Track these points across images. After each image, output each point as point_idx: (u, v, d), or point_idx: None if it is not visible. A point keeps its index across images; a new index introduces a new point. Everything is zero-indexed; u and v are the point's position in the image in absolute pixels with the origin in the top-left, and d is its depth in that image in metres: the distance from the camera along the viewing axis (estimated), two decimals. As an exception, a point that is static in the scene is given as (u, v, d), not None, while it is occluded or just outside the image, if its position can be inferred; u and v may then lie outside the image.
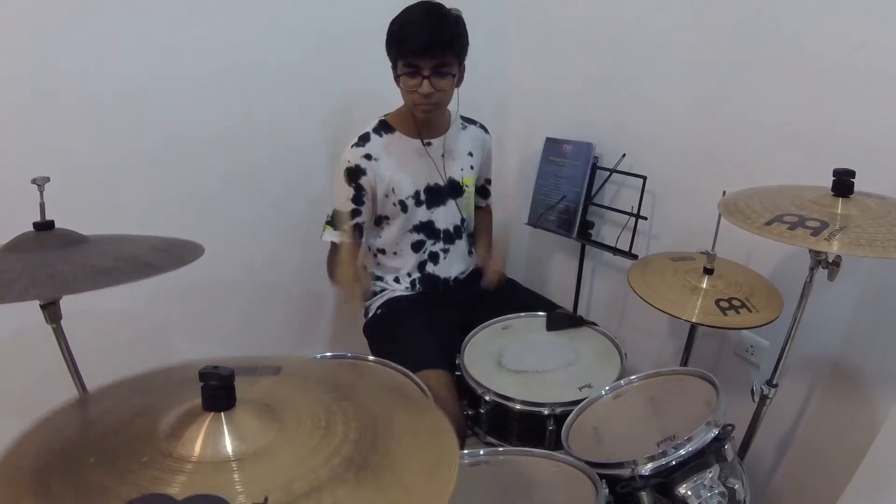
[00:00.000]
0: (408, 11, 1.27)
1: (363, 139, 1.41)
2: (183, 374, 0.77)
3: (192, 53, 1.48)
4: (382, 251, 1.54)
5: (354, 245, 1.42)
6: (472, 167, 1.50)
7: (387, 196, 1.44)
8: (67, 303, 0.86)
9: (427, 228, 1.50)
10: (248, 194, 1.68)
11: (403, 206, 1.46)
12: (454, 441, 0.65)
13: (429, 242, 1.52)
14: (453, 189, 1.49)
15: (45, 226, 0.88)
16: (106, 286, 0.76)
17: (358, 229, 1.42)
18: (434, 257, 1.54)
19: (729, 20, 1.35)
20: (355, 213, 1.41)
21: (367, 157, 1.40)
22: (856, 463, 1.06)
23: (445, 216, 1.51)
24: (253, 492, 0.53)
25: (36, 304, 0.84)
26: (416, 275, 1.55)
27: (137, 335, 1.63)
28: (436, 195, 1.48)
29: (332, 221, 1.42)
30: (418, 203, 1.47)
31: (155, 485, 0.53)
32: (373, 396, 0.75)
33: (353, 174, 1.39)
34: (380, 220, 1.48)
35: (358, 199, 1.41)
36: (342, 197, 1.40)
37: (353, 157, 1.39)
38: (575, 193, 1.72)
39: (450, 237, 1.54)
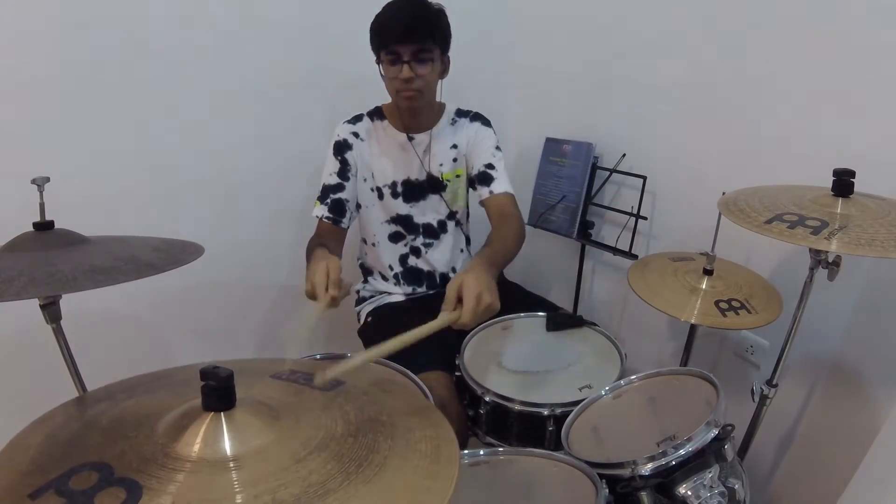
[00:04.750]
0: (389, 4, 1.30)
1: (356, 118, 1.46)
2: (183, 375, 0.77)
3: (193, 55, 1.48)
4: (364, 240, 1.56)
5: (336, 228, 1.41)
6: (454, 160, 1.49)
7: (365, 180, 1.46)
8: (67, 303, 0.86)
9: (405, 222, 1.51)
10: (247, 194, 1.69)
11: (380, 194, 1.47)
12: (454, 441, 0.65)
13: (409, 237, 1.53)
14: (433, 184, 1.49)
15: (45, 226, 0.88)
16: (106, 286, 0.76)
17: (339, 206, 1.42)
18: (416, 251, 1.54)
19: (729, 20, 1.35)
20: (339, 187, 1.42)
21: (355, 134, 1.44)
22: (856, 463, 1.06)
23: (426, 211, 1.51)
24: (251, 491, 0.53)
25: (36, 304, 0.84)
26: (399, 269, 1.55)
27: (137, 335, 1.63)
28: (415, 190, 1.48)
29: (320, 196, 1.43)
30: (395, 195, 1.47)
31: (153, 483, 0.53)
32: (372, 397, 0.75)
33: (341, 148, 1.43)
34: (358, 206, 1.49)
35: (343, 173, 1.42)
36: (328, 170, 1.43)
37: (343, 132, 1.44)
38: (575, 193, 1.72)
39: (432, 232, 1.53)
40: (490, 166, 1.46)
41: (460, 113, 1.51)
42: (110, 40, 1.38)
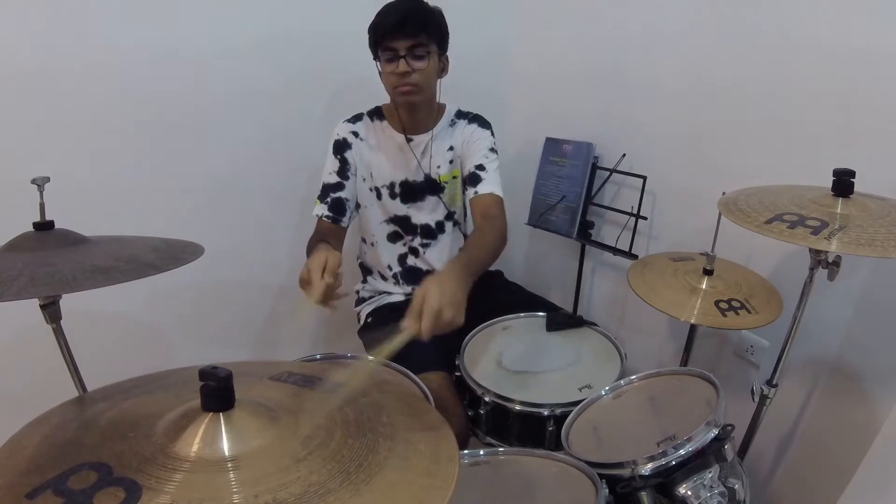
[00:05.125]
0: (386, 4, 1.32)
1: (356, 118, 1.46)
2: (180, 377, 0.77)
3: (193, 55, 1.48)
4: (363, 240, 1.56)
5: (336, 227, 1.42)
6: (450, 161, 1.49)
7: (364, 179, 1.46)
8: (67, 303, 0.86)
9: (402, 223, 1.51)
10: (247, 195, 1.69)
11: (378, 194, 1.47)
12: (454, 442, 0.65)
13: (407, 237, 1.53)
14: (431, 186, 1.49)
15: (45, 226, 0.88)
16: (106, 285, 0.76)
17: (339, 205, 1.42)
18: (414, 251, 1.54)
19: (729, 21, 1.35)
20: (338, 186, 1.42)
21: (355, 133, 1.44)
22: (856, 463, 1.06)
23: (424, 212, 1.51)
24: (251, 491, 0.53)
25: (36, 304, 0.84)
26: (398, 268, 1.55)
27: (137, 335, 1.63)
28: (413, 191, 1.48)
29: (320, 195, 1.43)
30: (393, 195, 1.47)
31: (152, 483, 0.53)
32: (371, 398, 0.75)
33: (340, 147, 1.43)
34: (357, 206, 1.50)
35: (342, 172, 1.43)
36: (328, 169, 1.44)
37: (343, 130, 1.44)
38: (575, 193, 1.72)
39: (430, 232, 1.53)
40: (480, 167, 1.44)
41: (460, 114, 1.51)
42: (110, 41, 1.38)
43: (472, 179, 1.44)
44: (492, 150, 1.47)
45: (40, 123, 1.35)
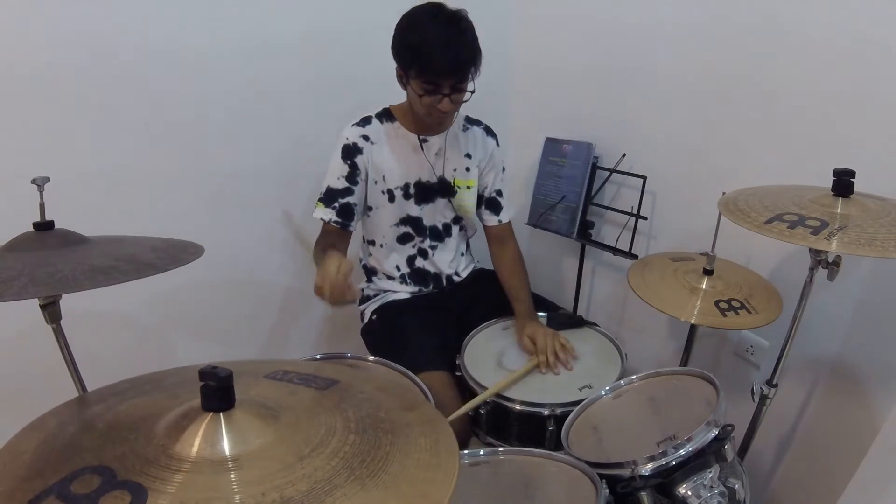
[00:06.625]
0: (424, 26, 1.24)
1: (365, 121, 1.43)
2: (177, 377, 0.77)
3: (194, 56, 1.48)
4: (371, 242, 1.55)
5: (344, 232, 1.41)
6: (467, 169, 1.49)
7: (376, 182, 1.44)
8: (67, 303, 0.86)
9: (414, 223, 1.50)
10: (248, 195, 1.69)
11: (391, 196, 1.45)
12: (454, 441, 0.65)
13: (417, 239, 1.52)
14: (444, 188, 1.48)
15: (45, 226, 0.88)
16: (106, 285, 0.76)
17: (347, 210, 1.41)
18: (423, 253, 1.54)
19: (730, 20, 1.35)
20: (347, 191, 1.40)
21: (365, 137, 1.41)
22: (856, 463, 1.06)
23: (434, 213, 1.51)
24: (258, 489, 0.53)
25: (36, 304, 0.84)
26: (406, 269, 1.55)
27: (137, 335, 1.63)
28: (426, 192, 1.48)
29: (324, 198, 1.41)
30: (407, 196, 1.46)
31: (156, 485, 0.53)
32: (372, 397, 0.75)
33: (350, 152, 1.40)
34: (367, 208, 1.48)
35: (351, 177, 1.40)
36: (336, 174, 1.40)
37: (352, 135, 1.41)
38: (575, 193, 1.72)
39: (437, 234, 1.53)
40: (499, 193, 1.55)
41: (470, 121, 1.52)
42: (112, 41, 1.37)
43: (493, 206, 1.55)
44: (503, 168, 1.56)
45: (40, 123, 1.35)
